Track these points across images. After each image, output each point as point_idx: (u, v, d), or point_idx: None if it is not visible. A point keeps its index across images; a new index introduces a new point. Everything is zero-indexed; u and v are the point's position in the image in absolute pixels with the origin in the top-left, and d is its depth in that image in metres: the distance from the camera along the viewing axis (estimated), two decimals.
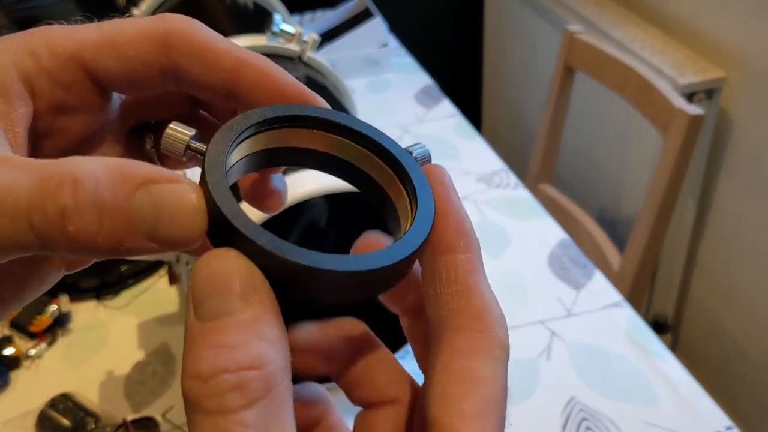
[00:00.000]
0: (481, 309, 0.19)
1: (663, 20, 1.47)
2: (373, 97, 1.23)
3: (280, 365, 0.17)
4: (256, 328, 0.17)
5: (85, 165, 0.18)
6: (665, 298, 1.54)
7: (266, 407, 0.16)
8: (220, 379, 0.16)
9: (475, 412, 0.18)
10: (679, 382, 0.68)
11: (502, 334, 0.19)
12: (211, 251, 0.18)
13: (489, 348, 0.19)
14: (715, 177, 1.40)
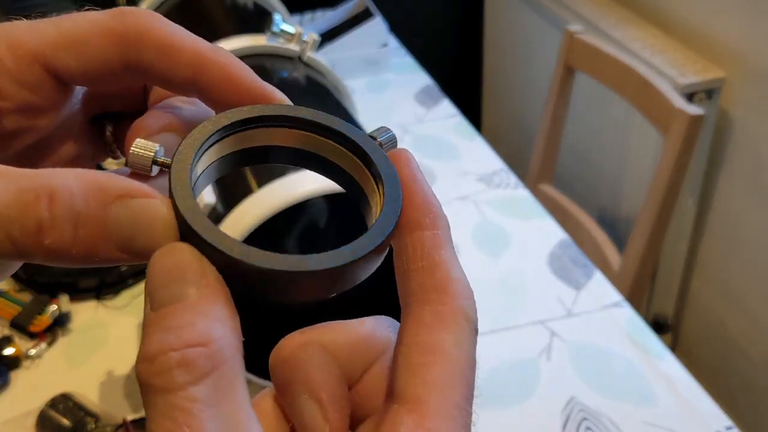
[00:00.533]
0: (446, 282, 0.20)
1: (663, 20, 1.47)
2: (373, 97, 1.23)
3: (229, 343, 0.17)
4: (203, 309, 0.17)
5: (61, 178, 0.18)
6: (665, 298, 1.54)
7: (215, 382, 0.16)
8: (165, 358, 0.16)
9: (439, 382, 0.18)
10: (679, 382, 0.68)
11: (467, 307, 0.20)
12: (164, 246, 0.19)
13: (453, 320, 0.19)
14: (715, 177, 1.40)
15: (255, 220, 0.53)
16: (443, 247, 0.20)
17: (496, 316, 0.76)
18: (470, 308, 0.20)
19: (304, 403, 0.20)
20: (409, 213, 0.21)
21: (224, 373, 0.17)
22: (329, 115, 0.23)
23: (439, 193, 0.82)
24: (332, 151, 0.23)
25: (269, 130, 0.23)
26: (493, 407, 0.67)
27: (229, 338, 0.17)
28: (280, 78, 0.73)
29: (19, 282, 0.80)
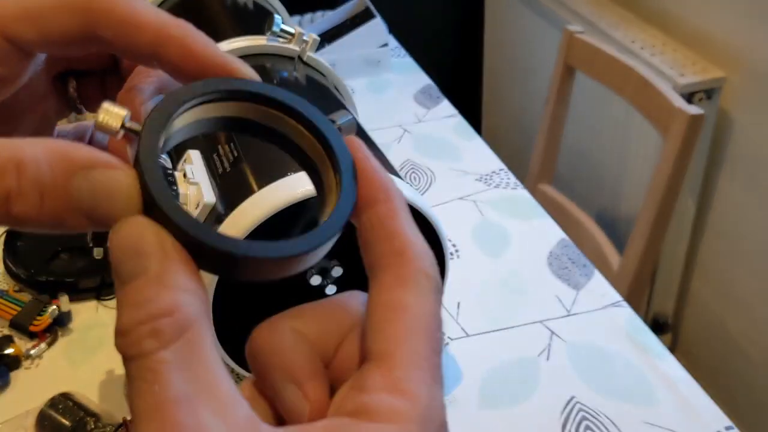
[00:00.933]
0: (402, 245, 0.21)
1: (663, 20, 1.47)
2: (373, 97, 1.23)
3: (195, 310, 0.18)
4: (167, 280, 0.18)
5: (28, 148, 0.19)
6: (665, 297, 1.54)
7: (182, 347, 0.18)
8: (136, 331, 0.18)
9: (402, 335, 0.19)
10: (678, 382, 0.68)
11: (425, 266, 0.21)
12: (120, 221, 0.19)
13: (412, 278, 0.20)
14: (715, 177, 1.40)
15: (255, 220, 0.53)
16: (398, 217, 0.21)
17: (496, 315, 0.76)
18: (429, 268, 0.21)
19: (283, 387, 0.20)
20: (365, 192, 0.22)
21: (190, 337, 0.18)
22: (294, 95, 0.24)
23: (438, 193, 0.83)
24: (292, 129, 0.24)
25: (238, 104, 0.23)
26: (492, 407, 0.67)
27: (194, 305, 0.18)
28: (280, 78, 0.73)
29: (19, 282, 0.80)
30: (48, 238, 0.86)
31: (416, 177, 1.00)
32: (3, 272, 0.83)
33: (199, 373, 0.18)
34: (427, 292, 0.20)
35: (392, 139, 1.10)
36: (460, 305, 0.78)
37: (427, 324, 0.20)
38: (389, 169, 0.62)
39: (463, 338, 0.74)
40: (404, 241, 0.21)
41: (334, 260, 0.59)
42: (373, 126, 1.13)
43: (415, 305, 0.20)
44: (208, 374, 0.18)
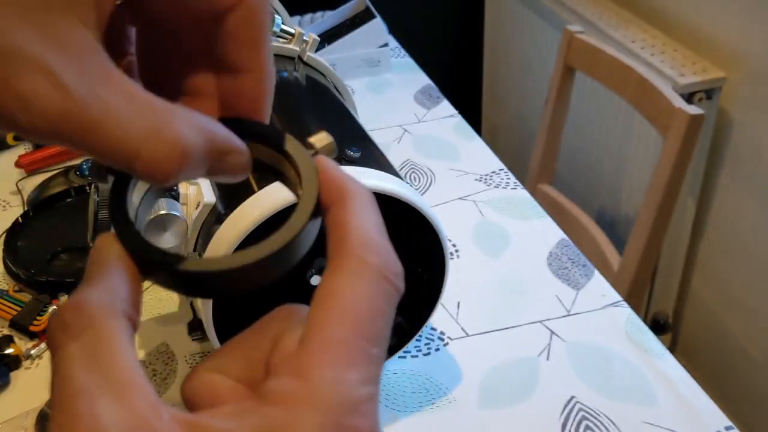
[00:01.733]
0: (344, 235, 0.21)
1: (663, 20, 1.47)
2: (373, 97, 1.23)
3: (104, 308, 0.19)
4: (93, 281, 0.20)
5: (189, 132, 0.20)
6: (665, 297, 1.54)
7: (89, 340, 0.18)
8: (52, 323, 0.19)
9: (322, 320, 0.20)
10: (678, 381, 0.68)
11: (364, 253, 0.21)
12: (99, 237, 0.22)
13: (347, 265, 0.21)
14: (715, 177, 1.40)
15: (255, 220, 0.53)
16: (348, 211, 0.22)
17: (496, 315, 0.76)
18: (370, 256, 0.21)
19: None
20: (325, 197, 0.23)
21: (98, 332, 0.19)
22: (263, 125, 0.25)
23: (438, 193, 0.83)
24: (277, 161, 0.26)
25: None
26: (492, 407, 0.67)
27: (105, 303, 0.19)
28: (280, 78, 0.73)
29: (19, 282, 0.80)
30: (48, 238, 0.86)
31: (416, 177, 1.00)
32: (3, 272, 0.83)
33: (103, 365, 0.18)
34: (362, 280, 0.20)
35: (392, 139, 1.10)
36: (460, 305, 0.78)
37: (352, 308, 0.20)
38: (389, 169, 0.62)
39: (463, 338, 0.74)
40: (346, 232, 0.21)
41: None
42: (373, 126, 1.13)
43: (343, 291, 0.20)
44: (113, 366, 0.18)
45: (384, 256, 0.21)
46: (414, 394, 0.68)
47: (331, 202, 0.23)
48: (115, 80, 0.19)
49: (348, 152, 0.59)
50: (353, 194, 0.23)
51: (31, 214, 0.89)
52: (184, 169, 0.20)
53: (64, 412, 0.17)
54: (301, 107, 0.70)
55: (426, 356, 0.72)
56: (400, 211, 0.58)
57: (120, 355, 0.19)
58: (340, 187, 0.23)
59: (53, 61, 0.18)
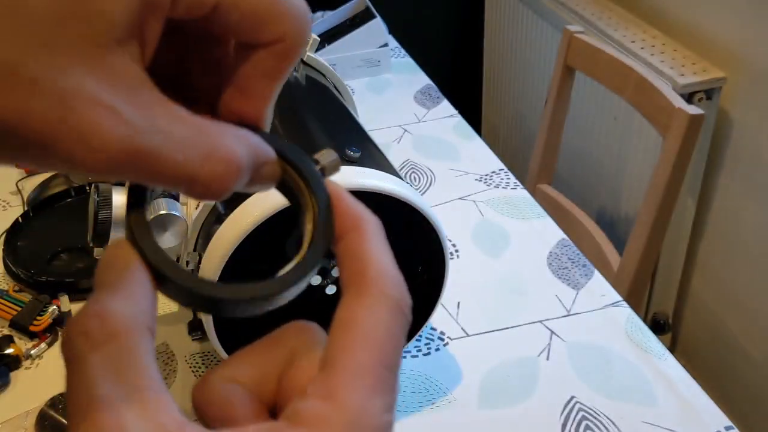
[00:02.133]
0: (363, 266, 0.22)
1: (663, 20, 1.47)
2: (373, 97, 1.23)
3: (128, 319, 0.19)
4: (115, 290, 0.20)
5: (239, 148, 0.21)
6: (665, 297, 1.54)
7: (112, 351, 0.18)
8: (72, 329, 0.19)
9: (346, 346, 0.20)
10: (678, 381, 0.68)
11: (383, 285, 0.22)
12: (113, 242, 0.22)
13: (368, 295, 0.21)
14: (715, 177, 1.41)
15: (255, 220, 0.53)
16: (365, 242, 0.23)
17: (496, 315, 0.76)
18: (389, 288, 0.22)
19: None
20: (339, 224, 0.23)
21: (122, 343, 0.19)
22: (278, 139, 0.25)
23: (438, 193, 0.83)
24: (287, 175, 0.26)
25: None
26: (492, 407, 0.67)
27: (130, 315, 0.19)
28: None
29: (19, 282, 0.80)
30: (48, 238, 0.86)
31: (416, 177, 1.00)
32: (3, 272, 0.83)
33: (128, 377, 0.18)
34: (382, 309, 0.21)
35: (392, 139, 1.10)
36: (460, 305, 0.78)
37: (375, 337, 0.21)
38: (389, 169, 0.62)
39: (463, 338, 0.74)
40: (366, 262, 0.22)
41: (334, 260, 0.59)
42: (373, 126, 1.13)
43: (366, 320, 0.21)
44: (137, 379, 0.18)
45: (400, 289, 0.22)
46: (414, 394, 0.68)
47: (346, 231, 0.23)
48: (167, 109, 0.20)
49: (348, 152, 0.59)
50: (367, 223, 0.23)
51: (31, 214, 0.89)
52: (239, 184, 0.21)
53: (87, 422, 0.17)
54: (301, 107, 0.70)
55: (426, 356, 0.72)
56: (400, 211, 0.58)
57: (146, 369, 0.19)
58: (354, 216, 0.23)
59: (109, 97, 0.18)
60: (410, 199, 0.57)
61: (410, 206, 0.58)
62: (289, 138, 0.62)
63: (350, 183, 0.55)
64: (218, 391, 0.22)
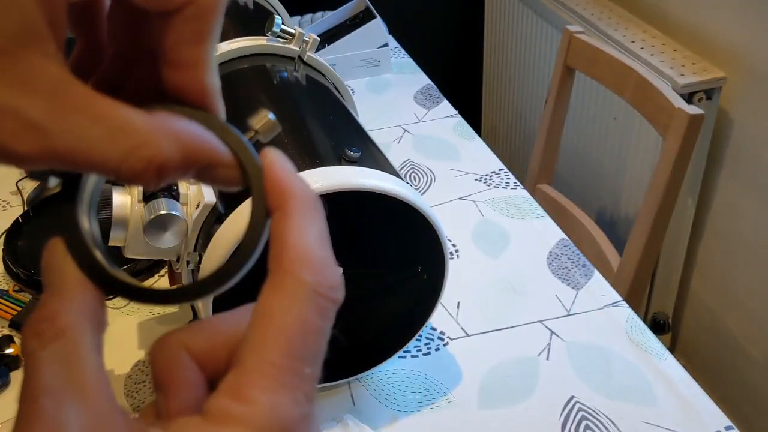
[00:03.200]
0: (281, 251, 0.21)
1: (663, 20, 1.47)
2: (373, 97, 1.23)
3: (73, 318, 0.21)
4: (60, 292, 0.21)
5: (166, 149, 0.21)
6: (664, 297, 1.54)
7: (59, 347, 0.20)
8: (26, 331, 0.21)
9: (256, 342, 0.20)
10: (678, 381, 0.68)
11: (299, 271, 0.21)
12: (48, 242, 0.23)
13: (281, 284, 0.21)
14: (715, 177, 1.41)
15: None
16: (285, 223, 0.22)
17: (496, 315, 0.76)
18: (304, 271, 0.21)
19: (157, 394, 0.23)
20: (270, 201, 0.23)
21: (67, 340, 0.20)
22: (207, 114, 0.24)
23: (438, 193, 0.83)
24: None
25: None
26: (492, 407, 0.67)
27: (73, 313, 0.21)
28: (280, 78, 0.73)
29: (19, 282, 0.80)
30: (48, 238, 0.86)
31: (416, 177, 1.00)
32: (3, 272, 0.83)
33: (70, 370, 0.20)
34: (295, 299, 0.21)
35: (392, 139, 1.10)
36: (460, 305, 0.78)
37: (286, 330, 0.20)
38: (389, 169, 0.62)
39: (463, 338, 0.74)
40: (282, 246, 0.22)
41: None
42: (373, 126, 1.13)
43: (278, 311, 0.21)
44: (79, 371, 0.20)
45: (319, 272, 0.21)
46: (414, 394, 0.68)
47: (274, 208, 0.23)
48: (87, 106, 0.20)
49: (348, 152, 0.59)
50: (295, 201, 0.23)
51: (31, 214, 0.89)
52: (165, 179, 0.21)
53: (29, 408, 0.19)
54: (301, 107, 0.70)
55: (426, 356, 0.72)
56: (400, 211, 0.58)
57: (86, 362, 0.20)
58: (282, 193, 0.23)
59: (21, 104, 0.19)
60: (410, 199, 0.57)
61: (410, 206, 0.58)
62: (289, 138, 0.62)
63: (350, 183, 0.55)
64: (167, 354, 0.23)
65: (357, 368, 0.68)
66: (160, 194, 0.56)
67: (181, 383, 0.22)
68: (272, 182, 0.23)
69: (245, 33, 0.75)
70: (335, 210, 0.59)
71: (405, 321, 0.66)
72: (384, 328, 0.66)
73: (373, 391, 0.69)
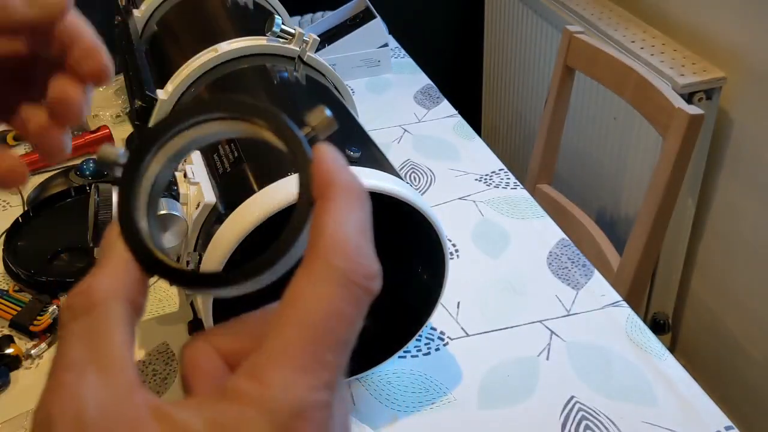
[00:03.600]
0: (317, 238, 0.21)
1: (663, 20, 1.47)
2: (373, 97, 1.23)
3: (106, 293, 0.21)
4: (101, 269, 0.22)
5: None
6: (664, 297, 1.54)
7: (89, 320, 0.21)
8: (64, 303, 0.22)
9: (281, 324, 0.20)
10: (678, 381, 0.68)
11: (335, 258, 0.21)
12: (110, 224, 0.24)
13: (314, 271, 0.21)
14: (715, 177, 1.41)
15: (255, 220, 0.53)
16: (325, 211, 0.22)
17: (496, 315, 0.76)
18: (338, 258, 0.21)
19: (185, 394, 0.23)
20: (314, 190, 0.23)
21: (97, 313, 0.21)
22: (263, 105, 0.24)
23: (438, 193, 0.83)
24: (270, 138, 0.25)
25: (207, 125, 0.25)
26: (492, 407, 0.67)
27: (108, 288, 0.21)
28: (280, 78, 0.73)
29: (19, 282, 0.80)
30: (48, 238, 0.86)
31: (416, 177, 1.00)
32: (3, 272, 0.83)
33: (96, 343, 0.20)
34: (326, 283, 0.20)
35: (392, 139, 1.10)
36: (460, 305, 0.78)
37: (311, 314, 0.20)
38: (389, 169, 0.62)
39: (463, 338, 0.74)
40: (319, 233, 0.21)
41: None
42: (373, 126, 1.13)
43: (307, 296, 0.20)
44: (104, 345, 0.20)
45: (353, 259, 0.21)
46: (414, 394, 0.68)
47: (317, 197, 0.22)
48: None
49: (348, 152, 0.59)
50: (338, 189, 0.23)
51: (31, 214, 0.89)
52: None
53: (53, 380, 0.20)
54: (301, 107, 0.70)
55: (426, 356, 0.72)
56: (400, 211, 0.58)
57: (114, 336, 0.21)
58: (326, 181, 0.23)
59: None
60: (410, 199, 0.57)
61: (410, 206, 0.58)
62: None
63: None
64: (196, 354, 0.23)
65: (357, 368, 0.68)
66: None
67: (207, 378, 0.22)
68: (318, 171, 0.23)
69: (245, 33, 0.75)
70: None
71: (405, 321, 0.66)
72: (384, 328, 0.66)
73: (373, 391, 0.69)
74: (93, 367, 0.20)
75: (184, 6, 0.85)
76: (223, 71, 0.72)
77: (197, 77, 0.72)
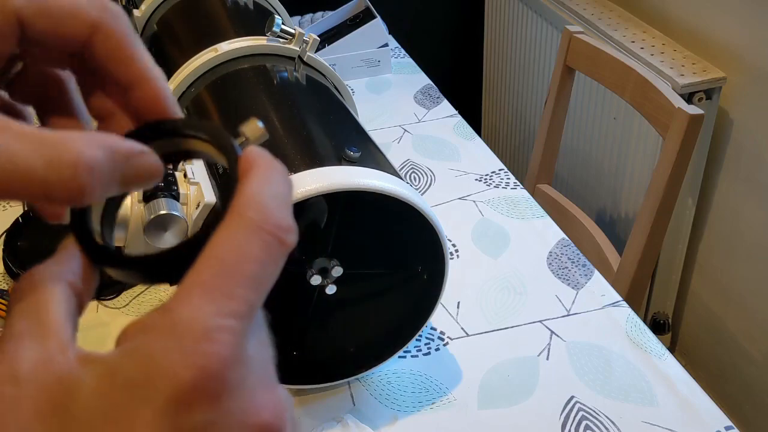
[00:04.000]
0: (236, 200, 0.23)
1: (663, 20, 1.47)
2: (373, 97, 1.23)
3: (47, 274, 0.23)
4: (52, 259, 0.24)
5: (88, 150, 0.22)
6: (664, 297, 1.54)
7: (29, 299, 0.22)
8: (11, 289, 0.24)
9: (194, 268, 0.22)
10: (678, 381, 0.68)
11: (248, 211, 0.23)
12: None
13: (230, 221, 0.22)
14: (715, 177, 1.41)
15: None
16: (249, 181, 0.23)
17: (496, 315, 0.76)
18: (251, 211, 0.23)
19: None
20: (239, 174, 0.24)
21: (38, 292, 0.23)
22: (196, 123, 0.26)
23: (438, 193, 0.83)
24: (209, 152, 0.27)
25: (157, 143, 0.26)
26: (492, 407, 0.67)
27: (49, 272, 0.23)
28: (280, 78, 0.73)
29: None
30: (48, 238, 0.86)
31: (416, 177, 1.00)
32: (3, 272, 0.83)
33: (36, 317, 0.22)
34: (235, 230, 0.22)
35: (392, 139, 1.10)
36: (460, 305, 0.78)
37: (220, 254, 0.22)
38: (389, 169, 0.62)
39: (463, 338, 0.74)
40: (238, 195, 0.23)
41: (334, 260, 0.59)
42: (373, 126, 1.13)
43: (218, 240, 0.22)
44: (42, 317, 0.22)
45: (265, 212, 0.23)
46: (414, 394, 0.68)
47: (240, 176, 0.24)
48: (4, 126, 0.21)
49: (348, 152, 0.59)
50: (258, 165, 0.24)
51: (31, 214, 0.89)
52: (97, 182, 0.22)
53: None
54: (301, 107, 0.70)
55: (426, 356, 0.72)
56: (400, 211, 0.58)
57: (51, 309, 0.22)
58: (250, 162, 0.24)
59: None
60: (410, 199, 0.57)
61: (410, 206, 0.58)
62: (289, 138, 0.62)
63: (350, 183, 0.55)
64: None
65: (357, 368, 0.68)
66: (160, 194, 0.56)
67: None
68: (243, 157, 0.25)
69: (245, 33, 0.75)
70: (335, 210, 0.59)
71: (405, 321, 0.66)
72: (384, 328, 0.66)
73: (373, 391, 0.69)
74: (29, 335, 0.21)
75: (184, 6, 0.85)
76: (223, 71, 0.72)
77: (197, 77, 0.72)
